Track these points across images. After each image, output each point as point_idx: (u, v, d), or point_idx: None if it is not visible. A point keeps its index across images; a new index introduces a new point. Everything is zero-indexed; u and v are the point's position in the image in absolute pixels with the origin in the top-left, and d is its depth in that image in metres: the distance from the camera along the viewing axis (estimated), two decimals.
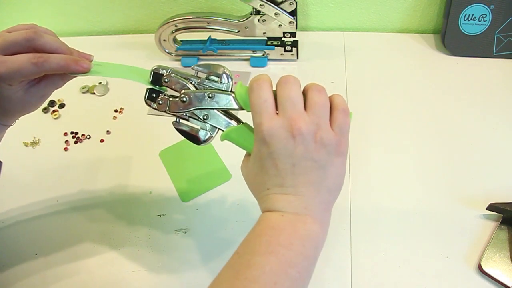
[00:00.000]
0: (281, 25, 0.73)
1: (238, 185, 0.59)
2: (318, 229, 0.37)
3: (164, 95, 0.42)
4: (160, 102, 0.42)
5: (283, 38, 0.76)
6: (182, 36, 0.78)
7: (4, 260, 0.53)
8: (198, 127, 0.42)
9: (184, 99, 0.41)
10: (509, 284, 0.46)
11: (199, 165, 0.63)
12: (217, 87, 0.41)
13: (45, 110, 0.74)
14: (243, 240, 0.37)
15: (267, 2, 0.69)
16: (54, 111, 0.74)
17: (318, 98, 0.38)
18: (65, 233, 0.56)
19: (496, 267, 0.48)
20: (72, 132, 0.69)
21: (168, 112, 0.42)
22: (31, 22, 0.98)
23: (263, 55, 0.78)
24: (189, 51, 0.79)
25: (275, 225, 0.36)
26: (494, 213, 0.53)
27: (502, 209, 0.51)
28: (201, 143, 0.42)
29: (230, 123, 0.41)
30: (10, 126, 0.48)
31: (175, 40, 0.78)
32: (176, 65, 0.80)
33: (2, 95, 0.42)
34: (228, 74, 0.41)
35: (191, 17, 0.74)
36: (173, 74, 0.42)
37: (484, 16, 0.73)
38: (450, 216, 0.54)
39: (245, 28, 0.75)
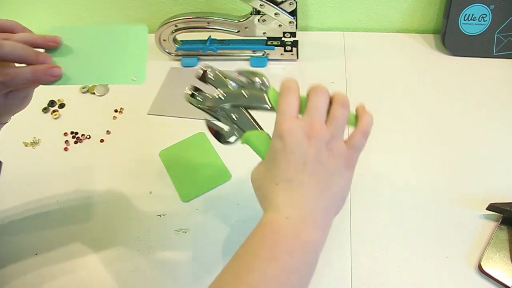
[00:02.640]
0: (281, 25, 0.73)
1: (238, 185, 0.59)
2: (319, 236, 0.37)
3: (203, 92, 0.44)
4: (200, 98, 0.43)
5: (283, 38, 0.76)
6: (182, 36, 0.78)
7: (4, 259, 0.53)
8: (228, 129, 0.43)
9: (222, 96, 0.43)
10: (509, 284, 0.46)
11: (199, 165, 0.63)
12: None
13: (45, 110, 0.74)
14: (245, 241, 0.37)
15: (267, 2, 0.69)
16: (54, 111, 0.74)
17: (340, 113, 0.39)
18: (65, 233, 0.56)
19: (496, 267, 0.48)
20: (72, 132, 0.69)
21: (206, 106, 0.43)
22: (30, 22, 0.98)
23: (263, 55, 0.78)
24: (189, 51, 0.79)
25: (279, 229, 0.36)
26: (494, 213, 0.53)
27: (502, 209, 0.52)
28: (228, 144, 0.44)
29: (255, 127, 0.43)
30: (5, 123, 0.47)
31: (175, 40, 0.78)
32: (176, 65, 0.80)
33: None
34: (265, 81, 0.44)
35: (191, 17, 0.74)
36: (218, 72, 0.44)
37: (484, 16, 0.73)
38: (450, 216, 0.54)
39: (245, 28, 0.75)
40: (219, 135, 0.44)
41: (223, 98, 0.43)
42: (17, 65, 0.42)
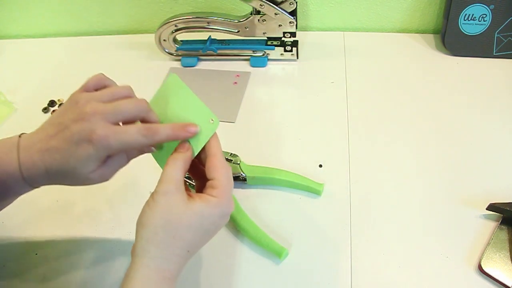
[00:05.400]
0: (281, 25, 0.73)
1: (239, 184, 0.59)
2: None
3: None
4: None
5: (283, 38, 0.76)
6: (182, 36, 0.78)
7: (4, 260, 0.53)
8: None
9: None
10: (509, 284, 0.46)
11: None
12: None
13: (45, 110, 0.74)
14: None
15: (267, 2, 0.69)
16: (54, 111, 0.73)
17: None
18: (65, 233, 0.56)
19: (496, 267, 0.48)
20: None
21: None
22: (31, 22, 0.97)
23: (263, 55, 0.78)
24: (189, 51, 0.79)
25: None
26: (494, 213, 0.53)
27: (502, 209, 0.52)
28: None
29: None
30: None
31: (175, 40, 0.78)
32: (176, 65, 0.80)
33: (79, 173, 0.39)
34: None
35: (191, 17, 0.74)
36: None
37: (484, 16, 0.73)
38: (450, 216, 0.54)
39: (245, 28, 0.75)
40: None
41: None
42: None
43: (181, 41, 0.80)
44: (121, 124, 0.40)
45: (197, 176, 0.45)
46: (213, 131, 0.42)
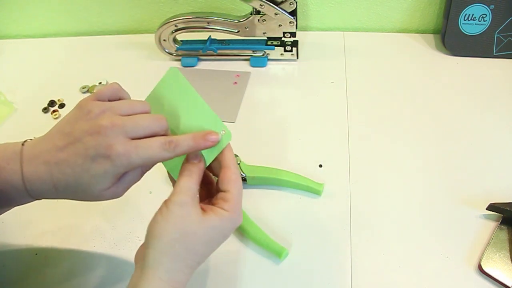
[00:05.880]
0: (281, 25, 0.73)
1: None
2: None
3: None
4: None
5: (283, 38, 0.76)
6: (182, 36, 0.78)
7: (4, 260, 0.53)
8: None
9: None
10: (509, 284, 0.46)
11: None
12: None
13: (45, 110, 0.74)
14: None
15: (267, 2, 0.69)
16: (54, 111, 0.73)
17: None
18: (65, 233, 0.56)
19: (496, 267, 0.48)
20: None
21: None
22: (31, 22, 0.97)
23: (263, 55, 0.78)
24: (189, 51, 0.79)
25: None
26: (494, 213, 0.53)
27: (502, 209, 0.52)
28: None
29: None
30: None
31: (175, 40, 0.78)
32: (176, 65, 0.80)
33: (91, 190, 0.37)
34: None
35: (191, 17, 0.74)
36: None
37: (484, 16, 0.73)
38: (450, 216, 0.54)
39: (245, 28, 0.75)
40: None
41: None
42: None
43: (181, 41, 0.80)
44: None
45: (202, 183, 0.43)
46: (225, 143, 0.40)
